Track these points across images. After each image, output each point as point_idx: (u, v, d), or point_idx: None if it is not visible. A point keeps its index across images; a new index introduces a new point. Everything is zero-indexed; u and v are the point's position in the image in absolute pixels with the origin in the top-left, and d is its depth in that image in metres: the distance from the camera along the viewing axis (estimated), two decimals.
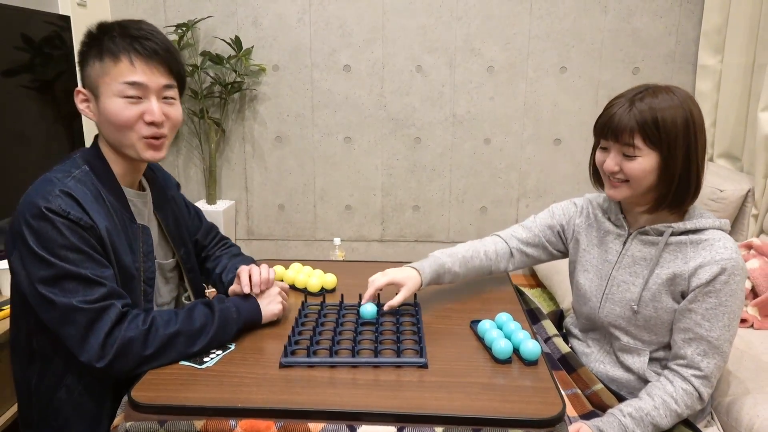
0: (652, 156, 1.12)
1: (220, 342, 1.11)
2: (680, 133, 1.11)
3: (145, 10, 2.93)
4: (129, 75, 1.07)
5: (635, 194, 1.17)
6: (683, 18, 2.85)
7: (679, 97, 1.13)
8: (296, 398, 0.95)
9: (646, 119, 1.10)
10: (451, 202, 3.13)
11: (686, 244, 1.17)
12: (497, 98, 2.98)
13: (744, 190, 2.31)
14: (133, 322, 1.03)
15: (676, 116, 1.11)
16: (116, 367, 1.01)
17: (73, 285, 1.01)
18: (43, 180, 1.07)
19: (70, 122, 2.27)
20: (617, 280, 1.24)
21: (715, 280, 1.11)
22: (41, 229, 1.01)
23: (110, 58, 1.07)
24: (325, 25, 2.93)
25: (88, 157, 1.14)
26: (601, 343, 1.31)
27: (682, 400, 1.13)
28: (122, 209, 1.14)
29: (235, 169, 3.13)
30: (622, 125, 1.12)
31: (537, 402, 0.95)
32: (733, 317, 1.13)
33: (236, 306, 1.14)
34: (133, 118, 1.08)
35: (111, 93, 1.08)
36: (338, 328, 1.18)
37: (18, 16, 2.00)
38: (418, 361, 1.06)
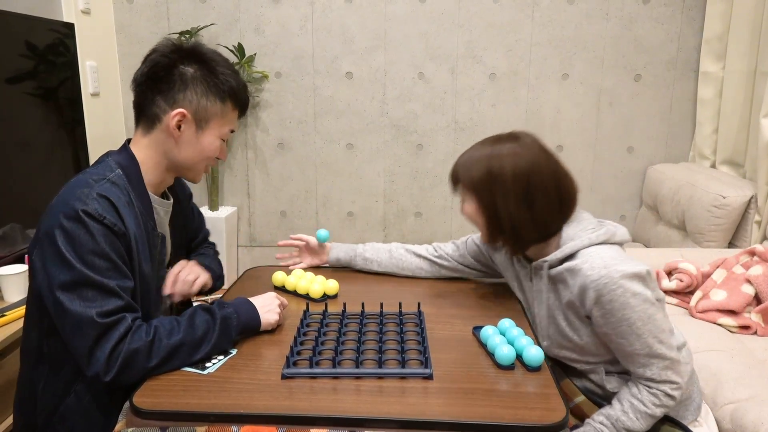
0: (471, 199, 1.21)
1: (221, 348, 1.11)
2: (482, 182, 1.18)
3: (149, 18, 2.94)
4: (234, 124, 1.22)
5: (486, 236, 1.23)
6: (685, 25, 2.86)
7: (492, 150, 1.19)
8: (299, 404, 0.95)
9: (456, 169, 1.24)
10: (453, 209, 3.13)
11: (563, 273, 1.17)
12: (499, 105, 2.99)
13: (747, 196, 2.30)
14: (137, 334, 1.03)
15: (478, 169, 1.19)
16: (122, 380, 1.02)
17: (91, 293, 1.01)
18: (79, 182, 1.08)
19: (74, 129, 2.28)
20: (539, 315, 1.27)
21: (600, 304, 1.09)
22: (74, 232, 1.01)
23: (231, 105, 1.18)
24: (327, 33, 2.94)
25: (121, 161, 1.15)
26: (565, 367, 1.31)
27: (649, 400, 1.12)
28: (148, 216, 1.15)
29: (238, 175, 3.14)
30: (454, 175, 1.25)
31: (540, 408, 0.95)
32: (642, 323, 1.08)
33: (236, 311, 1.14)
34: (216, 156, 1.21)
35: (218, 133, 1.19)
36: (341, 338, 1.17)
37: (22, 23, 2.01)
38: (423, 372, 1.04)
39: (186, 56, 1.14)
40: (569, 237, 1.18)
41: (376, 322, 1.25)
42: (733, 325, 1.80)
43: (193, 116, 1.14)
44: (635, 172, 2.99)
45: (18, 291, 1.73)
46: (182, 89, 1.13)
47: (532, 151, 1.18)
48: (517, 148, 1.18)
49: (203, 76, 1.14)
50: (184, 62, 1.14)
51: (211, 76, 1.15)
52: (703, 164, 2.83)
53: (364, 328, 1.22)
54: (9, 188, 1.89)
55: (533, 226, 1.18)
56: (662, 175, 2.77)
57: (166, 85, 1.13)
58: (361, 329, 1.21)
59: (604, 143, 3.00)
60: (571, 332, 1.19)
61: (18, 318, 1.61)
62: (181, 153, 1.17)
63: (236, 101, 1.18)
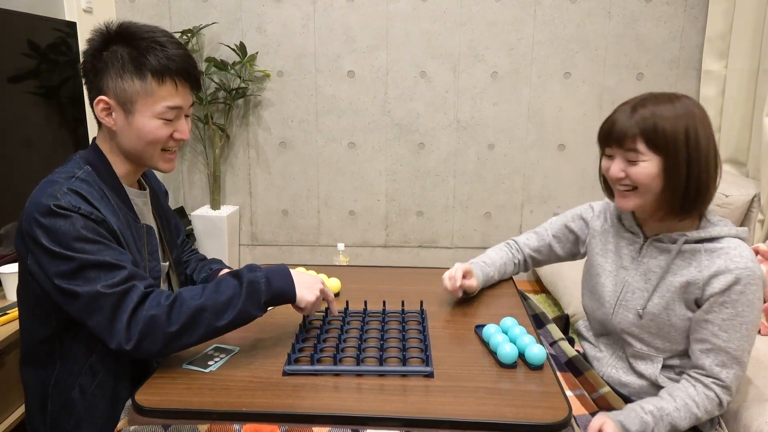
0: (655, 160, 1.12)
1: (249, 315, 1.06)
2: (680, 142, 1.10)
3: (150, 16, 2.94)
4: (172, 99, 1.10)
5: (644, 202, 1.16)
6: (687, 24, 2.85)
7: (682, 107, 1.13)
8: (301, 403, 0.94)
9: (648, 125, 1.11)
10: (455, 208, 3.13)
11: (700, 252, 1.15)
12: (501, 104, 2.98)
13: (750, 195, 2.30)
14: (155, 300, 1.01)
15: (676, 125, 1.11)
16: (144, 348, 0.99)
17: (94, 273, 1.00)
18: (47, 182, 1.07)
19: (76, 128, 2.28)
20: (632, 287, 1.23)
21: (731, 290, 1.10)
22: (53, 226, 1.00)
23: (155, 80, 1.07)
24: (329, 32, 2.94)
25: (89, 158, 1.13)
26: (614, 348, 1.31)
27: (703, 404, 1.12)
28: (126, 209, 1.14)
29: (239, 174, 3.14)
30: (624, 130, 1.13)
31: (543, 407, 0.94)
32: (751, 327, 1.12)
33: (267, 276, 1.07)
34: (165, 137, 1.12)
35: (150, 114, 1.09)
36: (343, 335, 1.17)
37: (24, 22, 2.01)
38: (423, 370, 1.04)
39: (110, 39, 1.08)
40: (716, 221, 1.18)
41: (379, 320, 1.25)
42: None
43: (116, 101, 1.08)
44: None
45: None
46: (101, 75, 1.07)
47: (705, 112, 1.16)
48: (697, 109, 1.14)
49: (119, 54, 1.06)
50: (108, 46, 1.08)
51: (128, 54, 1.06)
52: None
53: (366, 326, 1.21)
54: (11, 187, 1.89)
55: (710, 193, 1.13)
56: None
57: (92, 74, 1.09)
58: (363, 327, 1.20)
59: None
60: (664, 313, 1.18)
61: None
62: (124, 141, 1.11)
63: (159, 75, 1.07)
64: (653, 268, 1.21)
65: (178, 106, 1.11)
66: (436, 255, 3.19)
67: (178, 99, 1.10)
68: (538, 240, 1.47)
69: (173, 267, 1.31)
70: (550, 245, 1.45)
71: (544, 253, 1.47)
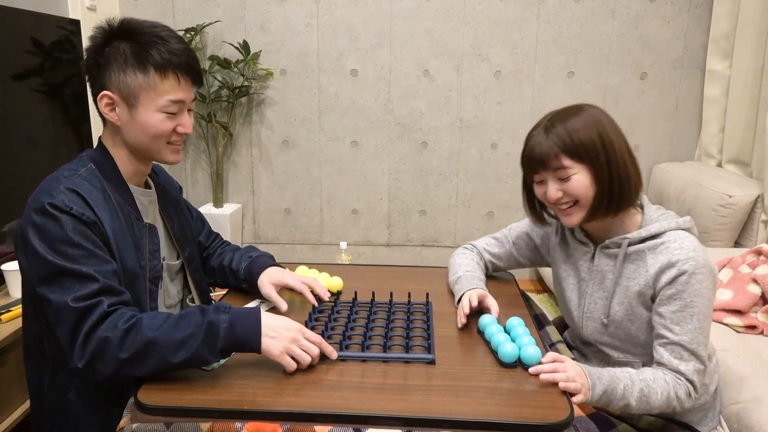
0: (583, 171, 1.16)
1: (203, 359, 0.99)
2: (598, 147, 1.14)
3: (154, 14, 2.94)
4: (175, 93, 1.10)
5: (587, 213, 1.19)
6: (691, 23, 2.84)
7: (588, 116, 1.17)
8: (303, 401, 0.95)
9: (564, 140, 1.15)
10: (458, 207, 3.13)
11: (645, 252, 1.17)
12: (504, 103, 2.98)
13: (753, 195, 2.29)
14: (114, 322, 0.98)
15: (590, 133, 1.15)
16: (96, 368, 0.98)
17: (69, 282, 0.99)
18: (50, 179, 1.08)
19: (80, 125, 2.28)
20: (592, 297, 1.26)
21: (676, 282, 1.11)
22: (43, 225, 1.01)
23: (158, 74, 1.08)
24: (332, 30, 2.94)
25: (94, 156, 1.15)
26: (597, 357, 1.31)
27: (673, 382, 1.11)
28: (129, 207, 1.14)
29: (242, 172, 3.14)
30: (546, 152, 1.16)
31: (545, 407, 0.94)
32: (702, 318, 1.12)
33: (231, 320, 1.00)
34: (169, 131, 1.12)
35: (153, 107, 1.09)
36: (350, 324, 1.21)
37: (28, 20, 2.02)
38: (425, 357, 1.08)
39: (112, 36, 1.09)
40: (652, 218, 1.20)
41: (385, 310, 1.29)
42: (740, 324, 1.79)
43: (119, 96, 1.09)
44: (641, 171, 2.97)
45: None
46: (104, 71, 1.08)
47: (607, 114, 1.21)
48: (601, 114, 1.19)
49: (121, 49, 1.07)
50: (110, 42, 1.08)
51: (130, 48, 1.07)
52: (709, 163, 2.81)
53: (372, 315, 1.26)
54: (15, 185, 1.89)
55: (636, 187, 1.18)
56: (668, 174, 2.76)
57: (94, 71, 1.10)
58: (370, 317, 1.25)
59: None
60: (626, 319, 1.20)
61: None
62: (129, 136, 1.12)
63: (161, 69, 1.07)
64: (607, 275, 1.23)
65: (180, 100, 1.11)
66: (439, 254, 3.19)
67: (181, 93, 1.11)
68: (498, 246, 1.48)
69: (186, 265, 1.31)
70: (510, 252, 1.46)
71: (504, 260, 1.48)
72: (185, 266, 1.31)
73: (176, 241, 1.29)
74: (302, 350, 1.02)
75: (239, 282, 1.37)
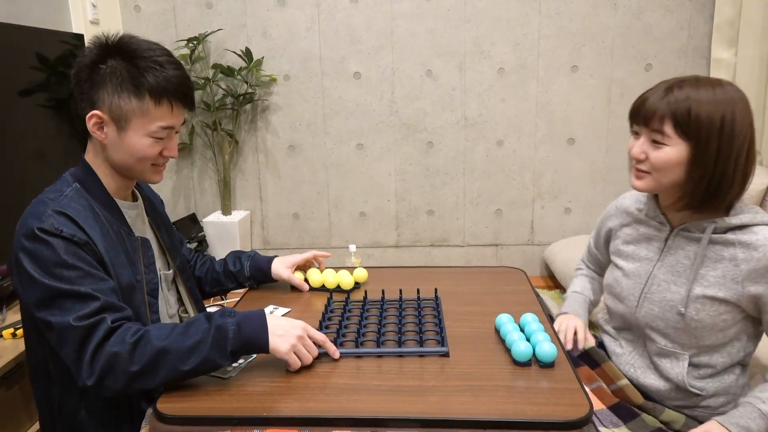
0: (681, 147, 1.06)
1: (214, 364, 1.00)
2: (714, 130, 1.03)
3: (156, 25, 2.96)
4: (166, 120, 1.10)
5: (659, 187, 1.12)
6: (695, 12, 2.83)
7: (722, 93, 1.05)
8: (321, 405, 0.95)
9: (680, 108, 1.04)
10: (466, 206, 3.12)
11: (734, 244, 1.09)
12: (509, 100, 2.97)
13: (763, 184, 2.27)
14: (121, 336, 0.98)
15: (713, 111, 1.03)
16: (106, 385, 0.97)
17: (68, 303, 0.99)
18: (36, 202, 1.07)
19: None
20: (657, 279, 1.19)
21: None
22: (35, 250, 1.00)
23: (152, 101, 1.07)
24: (334, 34, 2.94)
25: (78, 175, 1.13)
26: (635, 344, 1.27)
27: None
28: (118, 223, 1.14)
29: (249, 179, 3.15)
30: (653, 109, 1.07)
31: (563, 404, 0.94)
32: None
33: (238, 323, 1.01)
34: (155, 155, 1.12)
35: (143, 132, 1.09)
36: (363, 321, 1.23)
37: (33, 36, 2.03)
38: (439, 350, 1.10)
39: (108, 52, 1.07)
40: (747, 208, 1.11)
41: (396, 307, 1.31)
42: None
43: (110, 116, 1.07)
44: None
45: None
46: (97, 89, 1.07)
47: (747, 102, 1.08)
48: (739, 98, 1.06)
49: (118, 71, 1.06)
50: (105, 59, 1.07)
51: (127, 71, 1.06)
52: None
53: (384, 312, 1.28)
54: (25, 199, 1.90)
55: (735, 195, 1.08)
56: None
57: (87, 86, 1.08)
58: (382, 314, 1.27)
59: (617, 135, 2.97)
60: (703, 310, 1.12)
61: None
62: (114, 156, 1.11)
63: (156, 96, 1.06)
64: (682, 260, 1.16)
65: (170, 126, 1.11)
66: (448, 253, 3.18)
67: (172, 119, 1.10)
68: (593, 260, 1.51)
69: (178, 274, 1.31)
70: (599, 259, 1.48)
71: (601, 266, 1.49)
72: (177, 275, 1.31)
73: (167, 251, 1.29)
74: (306, 349, 1.04)
75: (239, 283, 1.44)
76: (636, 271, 1.24)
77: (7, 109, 1.86)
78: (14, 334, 1.56)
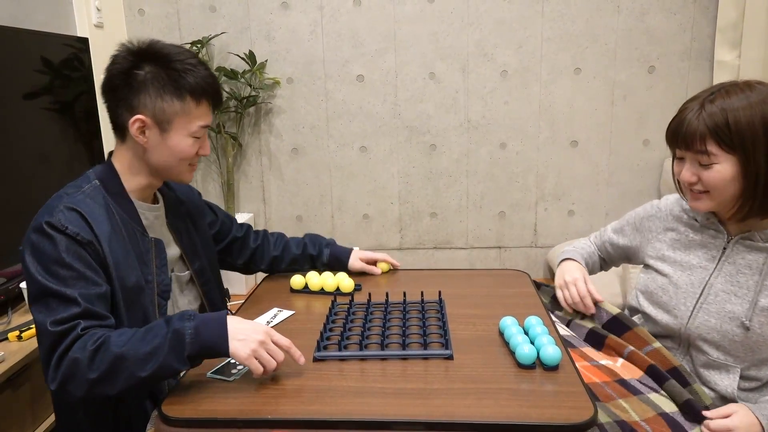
0: (729, 161, 1.03)
1: (172, 369, 0.98)
2: (758, 133, 1.00)
3: (160, 29, 2.97)
4: (205, 119, 1.16)
5: (720, 203, 1.08)
6: (698, 14, 2.83)
7: (756, 95, 1.03)
8: (325, 408, 0.95)
9: (717, 122, 1.01)
10: (469, 208, 3.12)
11: None
12: (512, 102, 2.97)
13: None
14: (83, 343, 0.98)
15: (751, 115, 1.00)
16: (69, 390, 0.98)
17: (54, 303, 1.01)
18: (54, 197, 1.11)
19: (91, 141, 2.31)
20: (715, 289, 1.13)
21: None
22: (39, 244, 1.03)
23: (193, 100, 1.13)
24: (337, 37, 2.95)
25: (100, 173, 1.17)
26: (676, 353, 1.20)
27: None
28: (133, 223, 1.16)
29: (253, 182, 3.15)
30: (692, 131, 1.03)
31: (568, 407, 0.94)
32: None
33: (196, 327, 0.99)
34: (194, 154, 1.17)
35: (186, 132, 1.14)
36: (367, 324, 1.23)
37: (37, 39, 2.04)
38: (443, 353, 1.10)
39: (141, 58, 1.12)
40: None
41: (400, 309, 1.31)
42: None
43: (153, 120, 1.11)
44: (652, 165, 2.96)
45: None
46: (137, 94, 1.11)
47: None
48: None
49: (157, 75, 1.10)
50: (139, 65, 1.11)
51: (166, 74, 1.11)
52: None
53: (388, 315, 1.28)
54: (31, 202, 1.91)
55: None
56: None
57: (123, 92, 1.11)
58: (386, 316, 1.27)
59: (620, 137, 2.97)
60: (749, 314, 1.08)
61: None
62: (155, 158, 1.15)
63: (197, 96, 1.12)
64: (743, 270, 1.10)
65: (207, 125, 1.17)
66: (451, 256, 3.18)
67: (209, 118, 1.17)
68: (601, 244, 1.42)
69: (195, 277, 1.32)
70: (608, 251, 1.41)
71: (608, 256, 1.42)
72: (194, 279, 1.32)
73: (185, 255, 1.30)
74: (269, 354, 1.01)
75: (314, 266, 1.55)
76: (688, 281, 1.17)
77: (12, 113, 1.87)
78: (20, 336, 1.57)
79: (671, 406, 1.04)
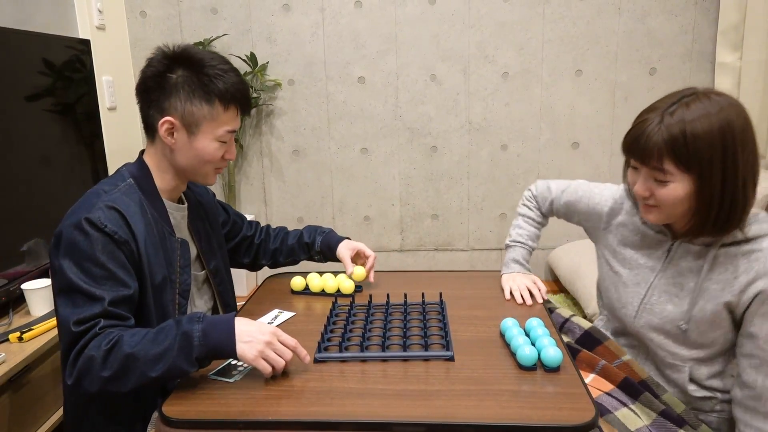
0: (685, 180, 1.01)
1: (181, 371, 1.00)
2: (716, 146, 0.97)
3: (162, 31, 2.98)
4: (232, 124, 1.18)
5: (672, 218, 1.08)
6: (699, 16, 2.83)
7: (716, 104, 0.99)
8: (326, 410, 0.95)
9: (675, 137, 0.98)
10: (470, 210, 3.12)
11: (737, 256, 1.05)
12: (513, 104, 2.97)
13: None
14: (99, 341, 1.00)
15: (710, 127, 0.97)
16: (84, 386, 1.01)
17: (81, 300, 1.03)
18: (90, 193, 1.13)
19: (92, 143, 2.31)
20: (658, 289, 1.15)
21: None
22: (75, 239, 1.04)
23: (221, 105, 1.15)
24: (338, 38, 2.95)
25: (133, 171, 1.19)
26: (636, 350, 1.25)
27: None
28: (163, 222, 1.18)
29: (254, 183, 3.16)
30: (650, 146, 1.00)
31: (568, 408, 0.94)
32: None
33: (204, 329, 1.01)
34: (219, 158, 1.19)
35: (212, 136, 1.16)
36: (368, 326, 1.23)
37: (39, 41, 2.05)
38: (444, 354, 1.10)
39: (174, 62, 1.15)
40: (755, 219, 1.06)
41: (401, 311, 1.31)
42: None
43: (182, 122, 1.14)
44: None
45: (44, 305, 1.75)
46: (168, 97, 1.14)
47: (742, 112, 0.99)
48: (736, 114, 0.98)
49: (188, 79, 1.13)
50: (172, 69, 1.14)
51: (197, 79, 1.13)
52: None
53: (389, 316, 1.28)
54: (32, 204, 1.91)
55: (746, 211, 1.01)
56: None
57: (156, 94, 1.15)
58: (387, 318, 1.27)
59: (621, 138, 2.94)
60: (708, 326, 1.09)
61: (46, 331, 1.63)
62: (181, 159, 1.18)
63: (225, 101, 1.15)
64: (684, 272, 1.11)
65: (234, 130, 1.19)
66: (452, 258, 3.18)
67: (236, 123, 1.20)
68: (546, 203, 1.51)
69: (210, 276, 1.34)
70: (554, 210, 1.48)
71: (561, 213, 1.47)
72: (209, 278, 1.34)
73: (202, 255, 1.32)
74: (276, 354, 1.03)
75: (310, 255, 1.56)
76: (635, 279, 1.20)
77: (14, 114, 1.88)
78: (20, 338, 1.57)
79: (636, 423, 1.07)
